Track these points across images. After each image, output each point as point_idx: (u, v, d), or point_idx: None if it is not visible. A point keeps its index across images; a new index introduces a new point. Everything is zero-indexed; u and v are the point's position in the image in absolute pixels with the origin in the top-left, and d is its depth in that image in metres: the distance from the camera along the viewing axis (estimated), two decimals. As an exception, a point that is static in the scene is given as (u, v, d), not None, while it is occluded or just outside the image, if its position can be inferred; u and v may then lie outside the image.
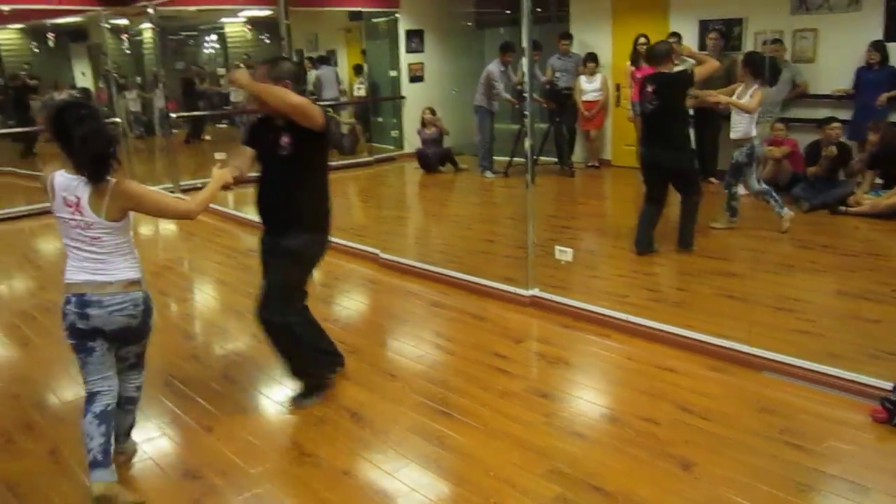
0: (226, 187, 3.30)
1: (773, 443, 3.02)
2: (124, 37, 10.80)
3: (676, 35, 7.63)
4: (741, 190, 7.06)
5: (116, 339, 2.86)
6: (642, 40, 7.84)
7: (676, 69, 5.64)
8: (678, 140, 5.42)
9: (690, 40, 7.79)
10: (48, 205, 2.94)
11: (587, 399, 3.52)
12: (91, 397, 2.82)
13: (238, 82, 3.18)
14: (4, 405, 3.71)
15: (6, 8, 8.54)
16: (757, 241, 5.85)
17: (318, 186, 3.44)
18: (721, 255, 5.66)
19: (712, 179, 7.49)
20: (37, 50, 11.93)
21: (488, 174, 9.07)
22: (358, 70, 11.93)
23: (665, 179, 5.52)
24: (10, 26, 11.04)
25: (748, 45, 7.58)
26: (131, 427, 3.14)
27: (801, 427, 3.14)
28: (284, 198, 3.34)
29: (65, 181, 2.71)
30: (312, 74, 11.64)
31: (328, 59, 12.30)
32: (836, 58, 7.04)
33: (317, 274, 5.97)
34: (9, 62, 11.56)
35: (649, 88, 5.38)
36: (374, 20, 11.40)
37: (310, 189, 3.38)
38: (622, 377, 3.78)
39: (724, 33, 7.54)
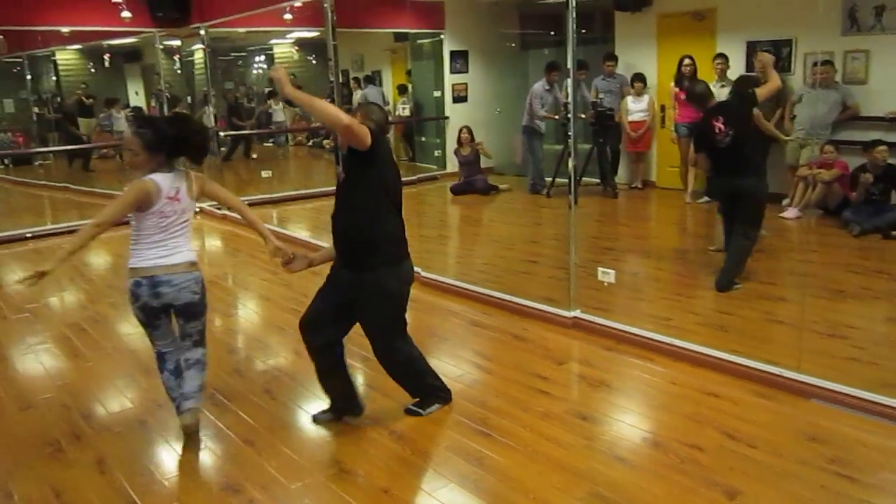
0: (284, 259, 3.56)
1: (822, 473, 2.93)
2: (176, 57, 11.10)
3: (723, 56, 7.55)
4: (787, 213, 6.96)
5: (184, 313, 3.33)
6: (687, 61, 7.79)
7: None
8: (758, 165, 5.17)
9: (737, 61, 7.70)
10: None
11: (629, 423, 3.47)
12: (161, 357, 3.41)
13: (277, 78, 3.09)
14: (54, 415, 3.80)
15: (66, 30, 8.85)
16: (805, 266, 5.71)
17: (379, 210, 3.32)
18: (768, 279, 5.54)
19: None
20: (93, 70, 12.32)
21: (540, 191, 9.08)
22: (402, 90, 12.06)
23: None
24: (68, 47, 11.44)
25: (798, 67, 7.46)
26: (201, 386, 3.43)
27: (853, 457, 3.04)
28: (347, 226, 3.33)
29: (166, 179, 3.19)
30: (359, 94, 11.83)
31: (374, 79, 12.47)
32: (890, 79, 6.87)
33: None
34: (66, 82, 11.96)
35: (719, 124, 5.06)
36: (420, 41, 11.54)
37: (370, 214, 3.29)
38: (666, 401, 3.71)
39: (772, 54, 7.43)
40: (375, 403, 3.77)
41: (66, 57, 11.89)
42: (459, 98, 11.09)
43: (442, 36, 10.93)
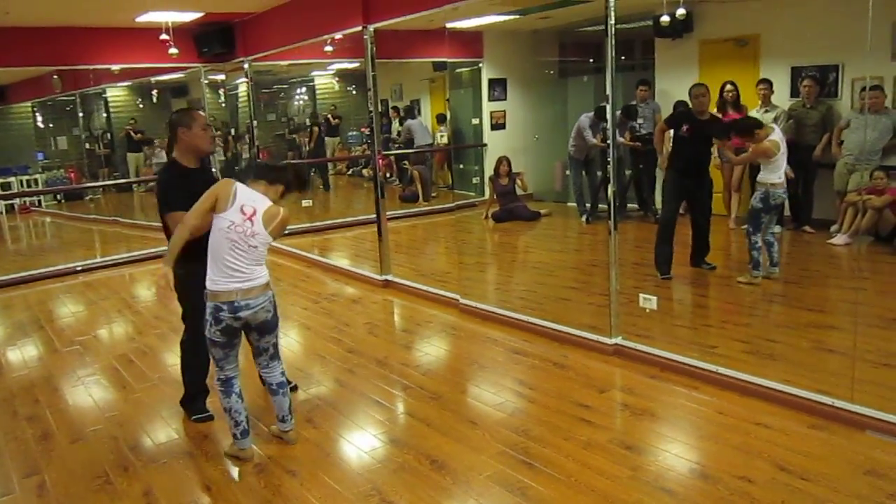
0: None
1: (880, 508, 2.83)
2: (221, 91, 11.37)
3: (767, 82, 7.46)
4: (836, 240, 6.80)
5: (258, 330, 3.51)
6: (729, 87, 7.70)
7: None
8: None
9: (782, 87, 7.60)
10: (148, 251, 3.14)
11: (676, 453, 3.39)
12: (228, 381, 3.52)
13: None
14: (103, 446, 3.86)
15: (116, 67, 9.16)
16: (856, 294, 5.56)
17: None
18: (817, 307, 5.41)
19: (807, 228, 7.22)
20: (141, 105, 12.70)
21: (586, 217, 9.05)
22: (441, 119, 12.19)
23: None
24: (118, 84, 11.81)
25: (846, 92, 7.33)
26: (290, 407, 3.70)
27: (912, 492, 2.93)
28: None
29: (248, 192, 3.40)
30: (400, 123, 12.08)
31: (413, 110, 12.64)
32: (943, 104, 6.71)
33: (398, 319, 6.06)
34: (116, 118, 12.34)
35: None
36: (458, 70, 11.65)
37: None
38: (713, 432, 3.62)
39: (818, 80, 7.33)
40: (414, 431, 3.76)
41: (116, 93, 12.29)
42: (498, 126, 11.14)
43: (481, 64, 11.03)
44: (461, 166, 12.30)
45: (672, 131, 6.27)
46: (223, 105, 12.72)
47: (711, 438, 3.56)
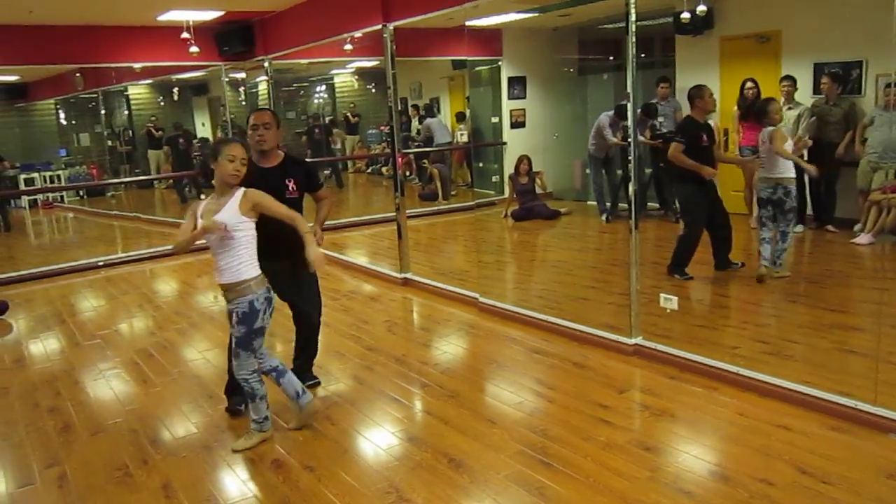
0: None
1: (904, 512, 2.79)
2: (241, 89, 11.44)
3: (790, 78, 7.37)
4: (860, 239, 6.71)
5: None
6: (749, 84, 7.64)
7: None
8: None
9: (804, 84, 7.51)
10: (169, 247, 3.17)
11: (695, 455, 3.36)
12: (256, 372, 3.64)
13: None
14: (123, 439, 3.90)
15: (138, 66, 9.25)
16: (880, 294, 5.48)
17: None
18: (839, 307, 5.34)
19: (830, 227, 7.13)
20: (162, 103, 12.82)
21: (606, 216, 9.02)
22: (460, 117, 12.19)
23: None
24: (140, 82, 11.94)
25: (869, 89, 7.23)
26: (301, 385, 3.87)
27: (937, 496, 2.88)
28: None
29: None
30: (419, 121, 12.10)
31: (432, 108, 12.65)
32: (969, 100, 6.58)
33: (417, 317, 6.06)
34: (138, 115, 12.47)
35: None
36: (478, 68, 11.64)
37: None
38: (733, 433, 3.59)
39: (837, 77, 7.23)
40: (433, 430, 3.76)
41: (138, 91, 12.42)
42: (517, 124, 11.12)
43: (500, 62, 11.01)
44: (480, 165, 12.29)
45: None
46: (243, 103, 12.80)
47: (731, 440, 3.52)
